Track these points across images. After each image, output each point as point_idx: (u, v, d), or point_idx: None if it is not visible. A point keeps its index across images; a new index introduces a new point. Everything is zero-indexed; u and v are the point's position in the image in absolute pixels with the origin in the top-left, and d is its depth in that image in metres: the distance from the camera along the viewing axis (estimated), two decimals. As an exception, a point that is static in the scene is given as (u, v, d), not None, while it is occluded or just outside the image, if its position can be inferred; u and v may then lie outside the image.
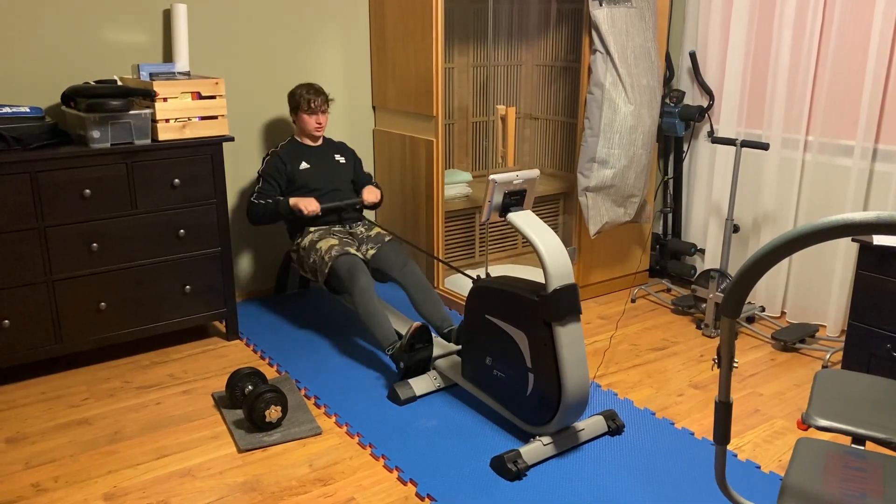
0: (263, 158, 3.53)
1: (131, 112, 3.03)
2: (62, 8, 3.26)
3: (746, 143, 3.59)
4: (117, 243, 3.11)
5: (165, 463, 2.56)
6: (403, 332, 3.09)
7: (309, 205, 3.35)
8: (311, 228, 3.47)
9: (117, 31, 3.41)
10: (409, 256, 3.37)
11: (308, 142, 3.58)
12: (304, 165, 3.51)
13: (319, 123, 3.52)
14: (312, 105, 3.48)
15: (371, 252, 3.40)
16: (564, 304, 2.48)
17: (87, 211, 3.01)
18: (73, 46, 3.32)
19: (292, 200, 3.37)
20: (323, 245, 3.31)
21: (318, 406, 2.94)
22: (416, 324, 2.97)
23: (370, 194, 3.56)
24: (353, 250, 3.29)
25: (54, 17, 3.25)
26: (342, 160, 3.63)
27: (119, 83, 3.21)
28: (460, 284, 3.97)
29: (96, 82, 3.20)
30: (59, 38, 3.28)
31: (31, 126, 2.94)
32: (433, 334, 3.10)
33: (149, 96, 3.06)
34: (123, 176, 3.07)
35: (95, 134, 2.98)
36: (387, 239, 3.43)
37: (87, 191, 2.99)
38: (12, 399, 2.98)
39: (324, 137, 3.64)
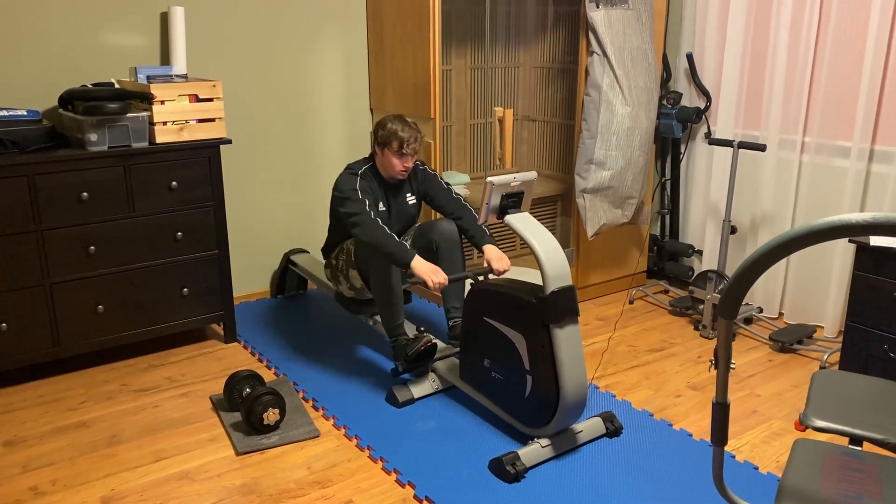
0: (348, 174, 3.02)
1: (129, 115, 3.02)
2: (59, 11, 3.26)
3: (743, 145, 3.60)
4: (115, 246, 3.11)
5: (163, 466, 2.55)
6: (408, 333, 3.07)
7: (436, 276, 2.78)
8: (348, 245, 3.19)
9: (115, 34, 3.41)
10: (449, 221, 3.12)
11: (386, 177, 3.11)
12: (381, 207, 3.08)
13: (406, 168, 3.03)
14: (405, 149, 2.97)
15: (407, 241, 3.14)
16: (562, 305, 2.48)
17: (84, 214, 3.01)
18: (71, 49, 3.32)
19: (417, 265, 2.79)
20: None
21: (316, 408, 2.94)
22: (428, 340, 2.94)
23: (501, 263, 2.93)
24: None
25: (52, 19, 3.25)
26: (412, 200, 3.21)
27: (116, 86, 3.21)
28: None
29: (94, 85, 3.20)
30: (56, 41, 3.28)
31: (28, 129, 2.94)
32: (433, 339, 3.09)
33: (146, 99, 3.06)
34: (121, 179, 3.07)
35: (93, 137, 2.98)
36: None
37: (85, 194, 2.99)
38: (10, 402, 2.97)
39: None
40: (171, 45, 3.42)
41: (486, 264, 2.96)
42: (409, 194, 3.20)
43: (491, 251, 2.99)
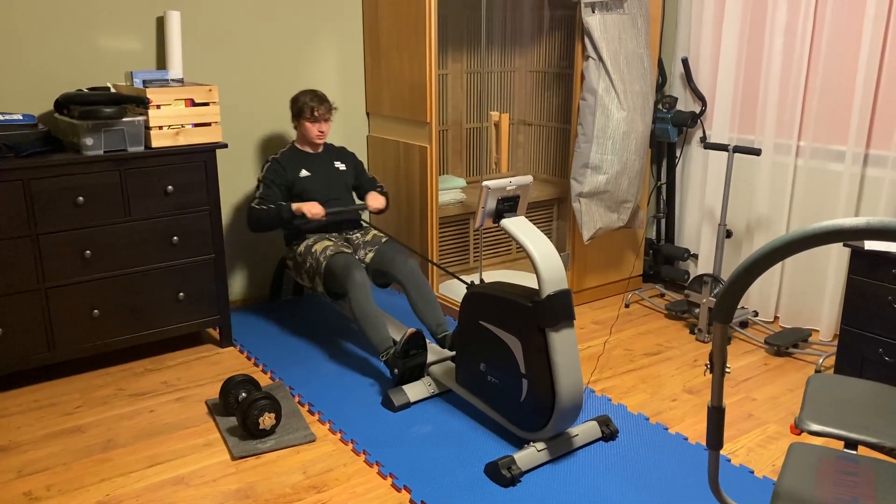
0: (263, 164, 3.48)
1: (124, 119, 3.02)
2: (55, 15, 3.26)
3: (739, 149, 3.61)
4: (111, 250, 3.10)
5: (159, 471, 2.55)
6: (398, 338, 3.09)
7: (313, 208, 3.29)
8: (308, 235, 3.44)
9: (111, 39, 3.40)
10: (409, 254, 3.35)
11: (308, 149, 3.54)
12: (304, 173, 3.45)
13: (321, 132, 3.46)
14: (315, 113, 3.41)
15: (370, 255, 3.38)
16: (558, 309, 2.48)
17: (80, 218, 3.01)
18: (67, 53, 3.31)
19: (296, 205, 3.29)
20: (318, 247, 3.31)
21: (311, 413, 2.93)
22: (411, 330, 2.97)
23: (375, 200, 3.48)
24: (347, 251, 3.29)
25: (47, 24, 3.25)
26: (342, 167, 3.58)
27: (112, 90, 3.21)
28: (454, 290, 3.97)
29: (89, 89, 3.20)
30: (52, 46, 3.27)
31: (23, 133, 2.94)
32: (428, 340, 3.10)
33: (142, 103, 3.06)
34: (117, 183, 3.06)
35: (89, 141, 2.97)
36: (383, 240, 3.43)
37: (81, 198, 2.99)
38: (5, 407, 2.96)
39: (324, 143, 3.61)
40: (168, 49, 3.42)
41: (365, 202, 3.48)
42: (337, 162, 3.59)
43: (371, 195, 3.51)
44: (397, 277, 3.28)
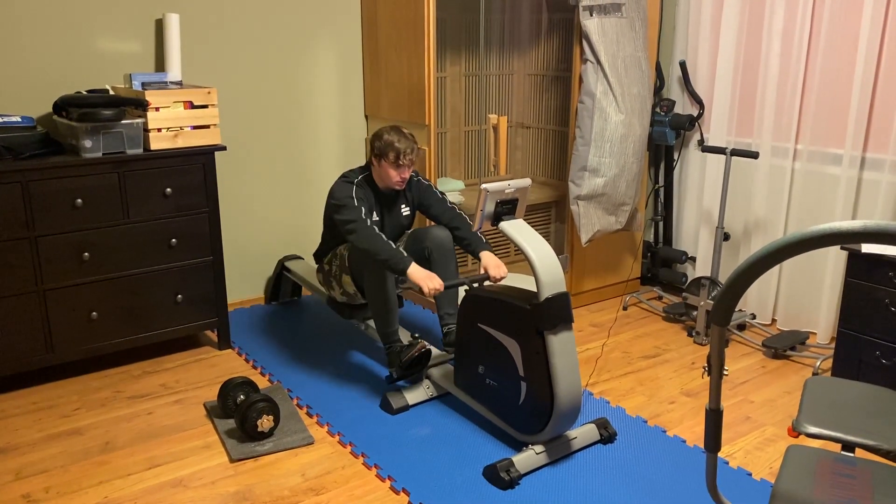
0: (344, 182, 3.02)
1: (123, 121, 3.02)
2: (54, 17, 3.26)
3: (736, 152, 3.62)
4: (109, 253, 3.10)
5: (157, 473, 2.55)
6: (405, 339, 3.07)
7: (432, 283, 2.76)
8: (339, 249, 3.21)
9: (109, 41, 3.41)
10: (442, 227, 3.13)
11: (381, 188, 3.11)
12: (374, 217, 3.05)
13: (403, 179, 3.02)
14: (402, 160, 2.96)
15: (400, 246, 3.03)
16: (556, 312, 2.49)
17: (78, 220, 3.01)
18: (65, 56, 3.31)
19: (413, 272, 2.77)
20: (341, 248, 3.18)
21: (310, 415, 2.93)
22: (422, 345, 2.93)
23: (498, 270, 2.93)
24: None
25: (46, 26, 3.25)
26: (406, 211, 3.21)
27: (111, 92, 3.21)
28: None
29: (88, 91, 3.20)
30: (50, 48, 3.28)
31: (22, 135, 2.94)
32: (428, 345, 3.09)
33: (141, 106, 3.06)
34: (115, 185, 3.07)
35: (87, 143, 2.97)
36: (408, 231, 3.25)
37: (79, 200, 2.99)
38: (3, 409, 2.96)
39: None
40: (166, 51, 3.42)
41: (482, 271, 2.97)
42: (403, 205, 3.20)
43: (488, 258, 2.98)
44: (429, 246, 3.05)
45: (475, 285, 2.87)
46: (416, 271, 2.78)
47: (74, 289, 3.05)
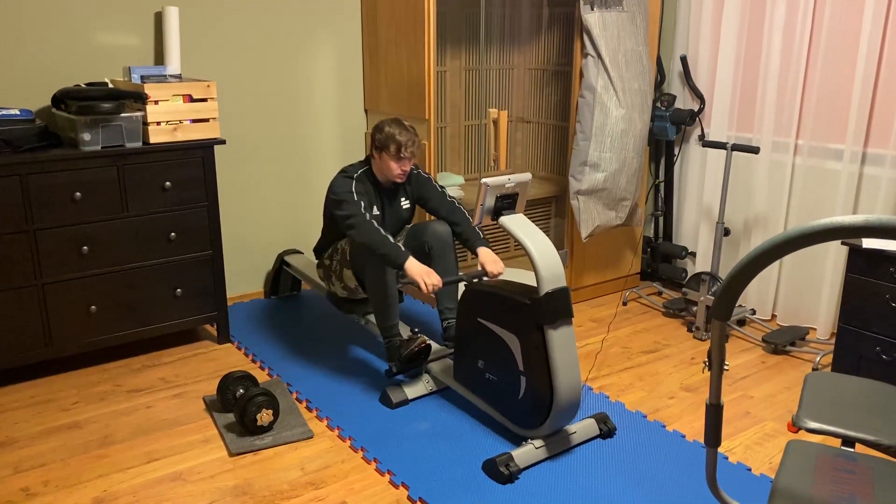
0: (343, 177, 3.02)
1: (122, 115, 3.02)
2: (53, 10, 3.25)
3: (737, 147, 3.61)
4: (108, 246, 3.10)
5: (156, 467, 2.55)
6: (405, 333, 3.07)
7: (430, 279, 2.77)
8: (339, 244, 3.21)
9: (108, 34, 3.40)
10: (441, 221, 3.13)
11: (382, 181, 3.12)
12: (374, 211, 3.06)
13: (404, 171, 3.02)
14: (403, 153, 2.96)
15: (399, 241, 3.05)
16: (556, 307, 2.48)
17: (77, 214, 3.00)
18: (64, 49, 3.30)
19: (411, 267, 2.78)
20: (342, 242, 3.19)
21: (309, 409, 2.93)
22: (423, 340, 2.93)
23: (495, 266, 2.95)
24: None
25: (45, 19, 3.24)
26: (406, 205, 3.21)
27: (110, 86, 3.20)
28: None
29: (87, 85, 3.19)
30: (49, 41, 3.27)
31: (21, 128, 2.93)
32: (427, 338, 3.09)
33: (140, 99, 3.05)
34: (114, 179, 3.06)
35: (86, 136, 2.97)
36: (408, 226, 3.24)
37: (78, 194, 2.98)
38: (1, 403, 2.96)
39: None
40: (166, 45, 3.41)
41: (479, 267, 2.97)
42: (403, 198, 3.20)
43: (485, 254, 2.99)
44: (428, 241, 3.05)
45: (474, 281, 2.87)
46: (413, 266, 2.78)
47: (73, 282, 3.05)
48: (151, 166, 3.13)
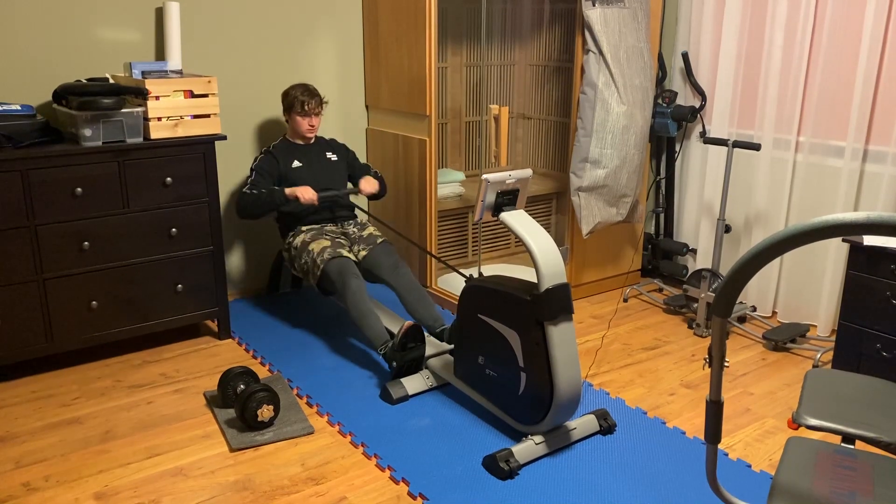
0: (256, 157, 3.51)
1: (123, 110, 3.01)
2: (54, 5, 3.24)
3: (738, 144, 3.61)
4: (109, 242, 3.10)
5: (157, 462, 2.55)
6: (395, 330, 3.09)
7: (306, 193, 3.31)
8: (304, 228, 3.45)
9: (109, 29, 3.39)
10: (399, 259, 3.37)
11: (299, 141, 3.57)
12: (296, 164, 3.49)
13: (312, 125, 3.50)
14: (306, 107, 3.45)
15: (363, 253, 3.39)
16: (557, 303, 2.48)
17: (78, 209, 3.00)
18: (65, 44, 3.30)
19: (289, 189, 3.33)
20: (315, 247, 3.31)
21: (310, 405, 2.94)
22: (409, 323, 2.97)
23: (368, 184, 3.53)
24: (345, 252, 3.29)
25: (46, 14, 3.24)
26: (334, 158, 3.61)
27: (111, 81, 3.20)
28: (453, 284, 3.97)
29: (88, 80, 3.19)
30: (50, 36, 3.26)
31: (22, 124, 2.93)
32: (425, 333, 3.10)
33: (141, 94, 3.05)
34: (115, 174, 3.06)
35: (87, 132, 2.97)
36: (379, 241, 3.42)
37: (79, 189, 2.98)
38: (2, 398, 2.96)
39: (315, 136, 3.62)
40: (166, 40, 3.41)
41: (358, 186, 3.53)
42: (328, 153, 3.61)
43: (366, 179, 3.56)
44: (389, 283, 3.32)
45: (350, 197, 3.50)
46: (291, 190, 3.33)
47: (74, 278, 3.05)
48: (152, 162, 3.13)
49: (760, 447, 2.69)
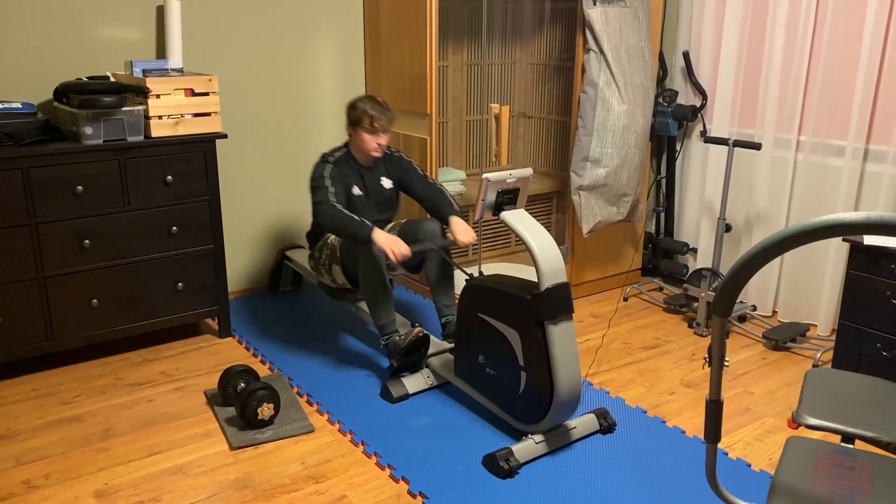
0: (320, 164, 3.10)
1: (124, 108, 3.02)
2: (55, 4, 3.24)
3: (739, 143, 3.61)
4: (110, 240, 3.10)
5: (157, 460, 2.55)
6: (402, 329, 3.08)
7: (397, 247, 2.81)
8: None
9: (110, 27, 3.39)
10: (435, 220, 3.17)
11: (361, 160, 3.19)
12: (356, 191, 3.14)
13: (379, 144, 3.10)
14: (376, 125, 3.05)
15: (393, 232, 3.16)
16: (557, 302, 2.48)
17: (79, 207, 3.00)
18: (66, 42, 3.30)
19: (378, 237, 2.83)
20: (333, 238, 3.21)
21: (310, 404, 2.94)
22: (419, 330, 2.95)
23: (464, 235, 3.02)
24: None
25: (47, 12, 3.24)
26: (388, 185, 3.25)
27: (112, 79, 3.20)
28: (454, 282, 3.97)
29: (89, 78, 3.19)
30: (51, 34, 3.26)
31: (23, 122, 2.93)
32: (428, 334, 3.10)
33: (142, 93, 3.05)
34: (116, 173, 3.06)
35: (88, 130, 2.97)
36: (403, 221, 3.28)
37: (80, 187, 2.98)
38: (3, 396, 2.97)
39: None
40: (167, 38, 3.41)
41: (450, 236, 3.06)
42: (383, 177, 3.25)
43: (456, 223, 3.07)
44: (422, 238, 3.06)
45: (438, 247, 3.00)
46: (380, 236, 2.85)
47: (75, 276, 3.05)
48: (153, 160, 3.13)
49: (760, 446, 2.69)
